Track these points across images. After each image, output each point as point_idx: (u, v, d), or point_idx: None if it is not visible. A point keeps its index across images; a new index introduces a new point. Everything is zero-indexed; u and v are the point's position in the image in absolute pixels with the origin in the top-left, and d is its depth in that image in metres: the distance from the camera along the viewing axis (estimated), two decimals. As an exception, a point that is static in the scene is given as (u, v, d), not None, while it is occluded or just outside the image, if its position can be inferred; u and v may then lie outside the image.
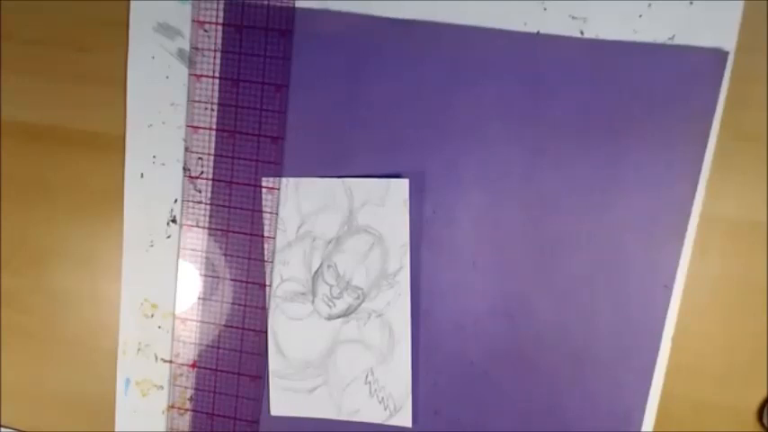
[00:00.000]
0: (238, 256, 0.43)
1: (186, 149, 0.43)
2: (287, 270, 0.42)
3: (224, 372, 0.44)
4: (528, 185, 0.40)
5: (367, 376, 0.43)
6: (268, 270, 0.43)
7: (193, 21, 0.41)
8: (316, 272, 0.42)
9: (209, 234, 0.43)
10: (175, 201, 0.43)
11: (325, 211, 0.42)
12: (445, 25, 0.39)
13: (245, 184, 0.42)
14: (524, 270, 0.41)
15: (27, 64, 0.44)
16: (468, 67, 0.40)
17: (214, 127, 0.42)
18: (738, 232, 0.40)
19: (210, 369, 0.44)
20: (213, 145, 0.42)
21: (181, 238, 0.43)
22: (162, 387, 0.45)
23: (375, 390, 0.43)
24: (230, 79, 0.42)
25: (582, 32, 0.39)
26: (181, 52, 0.42)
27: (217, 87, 0.42)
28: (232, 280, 0.43)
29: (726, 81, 0.38)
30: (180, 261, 0.44)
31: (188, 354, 0.44)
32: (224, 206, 0.43)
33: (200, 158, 0.43)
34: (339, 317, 0.42)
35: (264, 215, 0.42)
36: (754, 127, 0.39)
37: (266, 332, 0.43)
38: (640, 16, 0.38)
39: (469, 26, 0.39)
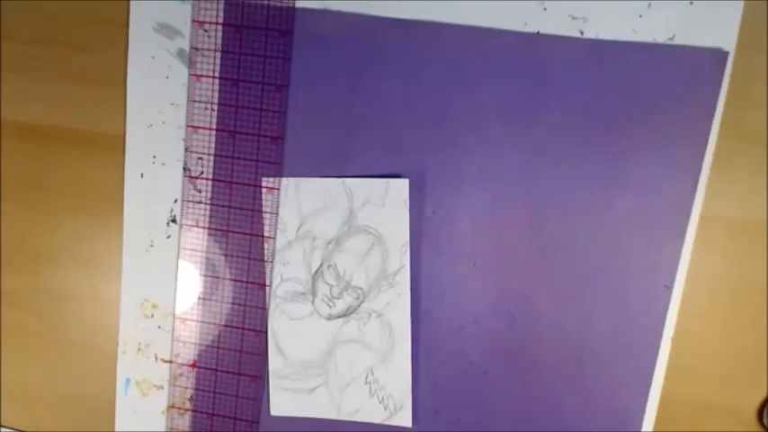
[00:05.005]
0: (238, 256, 0.43)
1: (186, 149, 0.43)
2: (287, 270, 0.42)
3: (224, 372, 0.44)
4: (528, 185, 0.40)
5: (367, 376, 0.43)
6: (268, 270, 0.43)
7: (193, 21, 0.41)
8: (316, 272, 0.42)
9: (209, 234, 0.43)
10: (175, 201, 0.43)
11: (325, 211, 0.42)
12: (445, 25, 0.39)
13: (245, 184, 0.42)
14: (524, 270, 0.41)
15: (27, 64, 0.44)
16: (468, 67, 0.40)
17: (214, 127, 0.42)
18: (738, 232, 0.40)
19: (210, 369, 0.44)
20: (213, 145, 0.42)
21: (181, 238, 0.43)
22: (162, 387, 0.45)
23: (375, 390, 0.43)
24: (230, 79, 0.42)
25: (582, 32, 0.39)
26: (181, 52, 0.42)
27: (217, 87, 0.42)
28: (232, 280, 0.43)
29: (726, 81, 0.38)
30: (180, 261, 0.44)
31: (188, 354, 0.44)
32: (224, 206, 0.43)
33: (200, 158, 0.43)
34: (339, 317, 0.42)
35: (264, 215, 0.42)
36: (754, 127, 0.39)
37: (266, 332, 0.43)
38: (640, 16, 0.38)
39: (469, 26, 0.39)
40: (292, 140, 0.42)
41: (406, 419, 0.43)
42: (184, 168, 0.43)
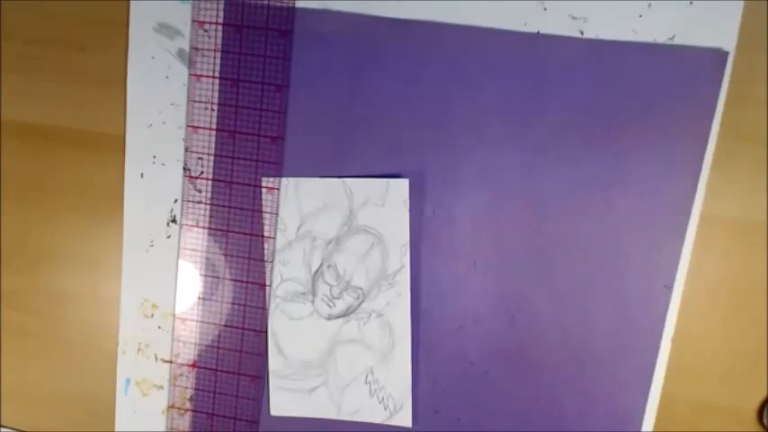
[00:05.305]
0: (238, 256, 0.43)
1: (186, 149, 0.43)
2: (287, 270, 0.42)
3: (224, 372, 0.44)
4: (528, 185, 0.40)
5: (367, 376, 0.43)
6: (268, 270, 0.43)
7: (193, 21, 0.41)
8: (316, 272, 0.42)
9: (209, 234, 0.43)
10: (175, 201, 0.43)
11: (325, 211, 0.42)
12: (445, 25, 0.39)
13: (245, 184, 0.42)
14: (524, 270, 0.41)
15: (27, 64, 0.44)
16: (468, 67, 0.40)
17: (214, 127, 0.42)
18: (738, 232, 0.40)
19: (210, 369, 0.44)
20: (213, 145, 0.42)
21: (181, 238, 0.43)
22: (162, 387, 0.45)
23: (375, 390, 0.43)
24: (230, 79, 0.42)
25: (582, 32, 0.39)
26: (181, 52, 0.42)
27: (217, 87, 0.42)
28: (232, 280, 0.43)
29: (726, 81, 0.38)
30: (180, 261, 0.44)
31: (188, 354, 0.44)
32: (224, 206, 0.43)
33: (200, 158, 0.43)
34: (339, 317, 0.42)
35: (264, 215, 0.42)
36: (754, 127, 0.39)
37: (266, 332, 0.43)
38: (640, 16, 0.38)
39: (469, 26, 0.39)
40: (292, 140, 0.42)
41: (406, 419, 0.43)
42: (184, 168, 0.43)
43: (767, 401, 0.41)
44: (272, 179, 0.42)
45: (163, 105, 0.43)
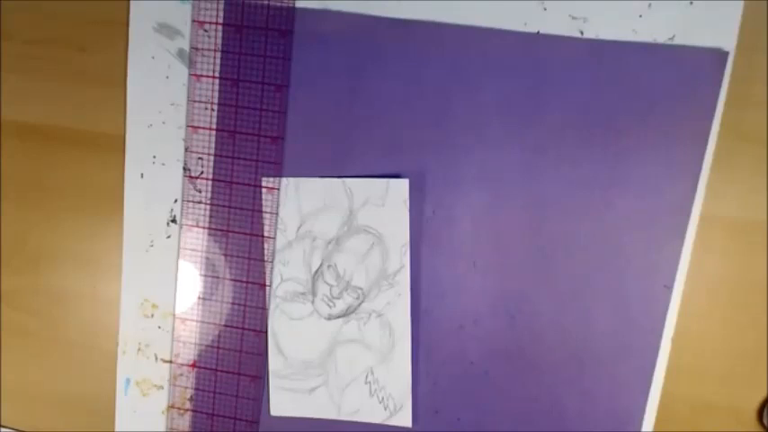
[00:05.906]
0: (238, 256, 0.43)
1: (186, 149, 0.43)
2: (287, 270, 0.42)
3: (224, 372, 0.44)
4: (528, 185, 0.40)
5: (367, 376, 0.43)
6: (268, 270, 0.43)
7: (193, 21, 0.41)
8: (316, 272, 0.42)
9: (209, 234, 0.43)
10: (175, 201, 0.43)
11: (325, 211, 0.42)
12: (445, 25, 0.39)
13: (245, 184, 0.42)
14: (524, 270, 0.41)
15: (27, 64, 0.44)
16: (468, 67, 0.40)
17: (214, 127, 0.42)
18: (738, 232, 0.40)
19: (210, 369, 0.44)
20: (213, 145, 0.42)
21: (181, 238, 0.43)
22: (162, 387, 0.45)
23: (375, 390, 0.43)
24: (230, 79, 0.42)
25: (582, 32, 0.39)
26: (181, 52, 0.42)
27: (217, 87, 0.42)
28: (232, 280, 0.43)
29: (726, 81, 0.38)
30: (180, 261, 0.44)
31: (188, 354, 0.44)
32: (224, 206, 0.43)
33: (200, 158, 0.43)
34: (339, 317, 0.42)
35: (264, 215, 0.42)
36: (754, 127, 0.39)
37: (266, 332, 0.43)
38: (640, 16, 0.38)
39: (469, 26, 0.39)
40: (292, 140, 0.42)
41: (406, 419, 0.43)
42: (184, 168, 0.43)
43: (767, 401, 0.41)
44: (272, 179, 0.42)
45: (163, 105, 0.43)
